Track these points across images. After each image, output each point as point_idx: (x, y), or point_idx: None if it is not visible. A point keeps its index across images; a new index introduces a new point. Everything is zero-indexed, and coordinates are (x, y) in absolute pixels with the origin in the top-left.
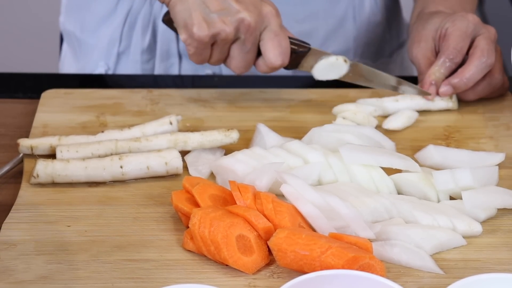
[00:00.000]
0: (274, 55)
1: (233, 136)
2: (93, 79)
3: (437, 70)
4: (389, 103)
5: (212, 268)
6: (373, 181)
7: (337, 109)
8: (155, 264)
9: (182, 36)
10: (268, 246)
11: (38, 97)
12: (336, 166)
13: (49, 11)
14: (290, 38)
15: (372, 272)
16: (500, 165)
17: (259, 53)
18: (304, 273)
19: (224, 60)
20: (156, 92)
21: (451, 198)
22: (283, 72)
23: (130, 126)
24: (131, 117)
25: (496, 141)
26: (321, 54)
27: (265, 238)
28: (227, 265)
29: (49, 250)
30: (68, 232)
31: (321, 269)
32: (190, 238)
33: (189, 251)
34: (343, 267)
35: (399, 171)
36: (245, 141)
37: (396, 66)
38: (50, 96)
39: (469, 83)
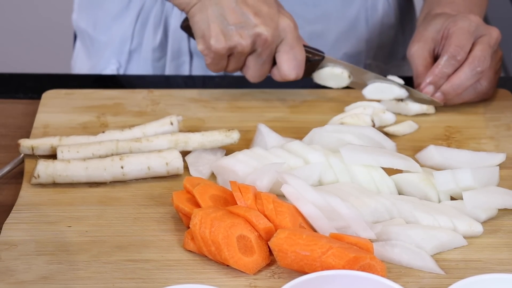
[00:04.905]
0: (289, 68)
1: (233, 136)
2: (94, 79)
3: (439, 70)
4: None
5: (212, 269)
6: (373, 182)
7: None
8: (155, 265)
9: (199, 46)
10: (268, 247)
11: (39, 97)
12: (337, 166)
13: (50, 11)
14: (305, 46)
15: (373, 273)
16: (501, 166)
17: (275, 62)
18: (305, 273)
19: (241, 68)
20: (157, 92)
21: (452, 198)
22: None
23: (130, 126)
24: (131, 118)
25: (497, 141)
26: (333, 62)
27: (265, 238)
28: (227, 265)
29: (50, 251)
30: (69, 233)
31: (322, 270)
32: (191, 238)
33: (190, 251)
34: (343, 268)
35: (399, 171)
36: (246, 142)
37: (409, 69)
38: (50, 97)
39: (459, 90)
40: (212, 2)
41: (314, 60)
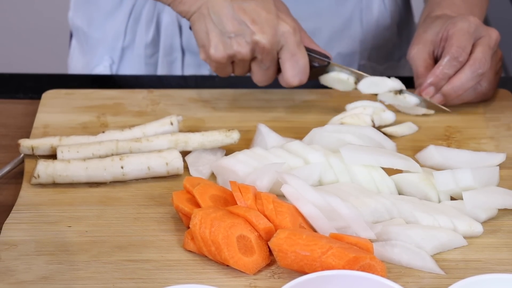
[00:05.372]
0: (292, 75)
1: (233, 136)
2: (93, 79)
3: (441, 71)
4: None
5: (212, 269)
6: (373, 182)
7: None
8: (155, 265)
9: (201, 55)
10: (268, 247)
11: (39, 97)
12: (337, 166)
13: (50, 11)
14: (310, 51)
15: (373, 273)
16: (501, 166)
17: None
18: (305, 273)
19: (248, 72)
20: (157, 92)
21: (452, 198)
22: None
23: (130, 126)
24: (131, 118)
25: (497, 141)
26: (339, 67)
27: (265, 238)
28: (227, 265)
29: (50, 251)
30: (69, 233)
31: (322, 270)
32: (191, 238)
33: (190, 251)
34: (343, 268)
35: (399, 171)
36: (246, 142)
37: (404, 71)
38: (50, 97)
39: (459, 91)
40: (210, 10)
41: (318, 67)
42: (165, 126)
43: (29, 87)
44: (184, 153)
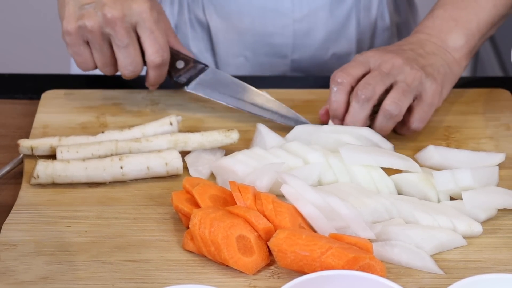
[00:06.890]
0: (153, 52)
1: (233, 136)
2: (93, 79)
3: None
4: None
5: (212, 269)
6: (373, 182)
7: None
8: (155, 265)
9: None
10: (268, 247)
11: (38, 97)
12: (336, 166)
13: (50, 11)
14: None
15: (373, 273)
16: (500, 166)
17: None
18: (304, 273)
19: (110, 62)
20: (156, 92)
21: (451, 198)
22: (282, 71)
23: (130, 126)
24: (131, 118)
25: (496, 141)
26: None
27: (265, 238)
28: (227, 265)
29: (49, 251)
30: (68, 233)
31: (321, 270)
32: (190, 238)
33: (189, 251)
34: (343, 268)
35: (399, 171)
36: (245, 142)
37: None
38: (50, 97)
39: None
40: None
41: (198, 64)
42: (164, 126)
43: (29, 87)
44: (184, 153)
